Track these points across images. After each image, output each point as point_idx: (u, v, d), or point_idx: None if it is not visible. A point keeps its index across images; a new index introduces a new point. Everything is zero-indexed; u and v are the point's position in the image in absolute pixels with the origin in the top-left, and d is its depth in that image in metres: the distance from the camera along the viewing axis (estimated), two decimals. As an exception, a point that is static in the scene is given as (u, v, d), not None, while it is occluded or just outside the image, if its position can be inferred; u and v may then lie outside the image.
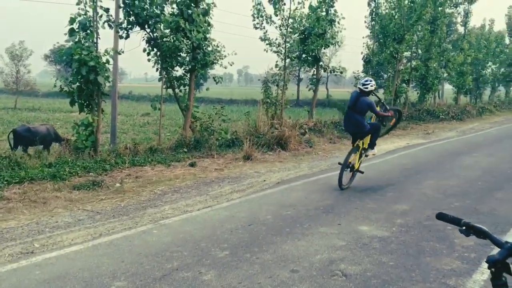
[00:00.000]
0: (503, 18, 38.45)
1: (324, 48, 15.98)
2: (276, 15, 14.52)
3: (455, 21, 31.91)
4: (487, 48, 33.93)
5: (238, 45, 15.06)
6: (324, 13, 15.43)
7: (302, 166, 10.21)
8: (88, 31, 9.68)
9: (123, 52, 11.57)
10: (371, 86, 7.61)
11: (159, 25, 10.92)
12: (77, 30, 9.55)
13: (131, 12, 10.50)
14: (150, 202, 7.02)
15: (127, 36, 11.02)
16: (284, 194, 7.52)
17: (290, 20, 14.74)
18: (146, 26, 10.86)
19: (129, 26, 10.85)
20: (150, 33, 11.01)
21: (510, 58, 37.85)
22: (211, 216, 6.29)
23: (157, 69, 11.55)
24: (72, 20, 9.47)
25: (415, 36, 22.20)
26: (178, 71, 12.05)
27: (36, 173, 7.97)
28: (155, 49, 11.21)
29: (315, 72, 16.59)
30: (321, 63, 16.27)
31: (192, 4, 11.10)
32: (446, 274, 4.28)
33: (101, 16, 10.03)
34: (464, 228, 1.95)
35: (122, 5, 10.71)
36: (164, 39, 11.04)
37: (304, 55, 15.85)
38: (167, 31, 11.00)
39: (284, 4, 14.40)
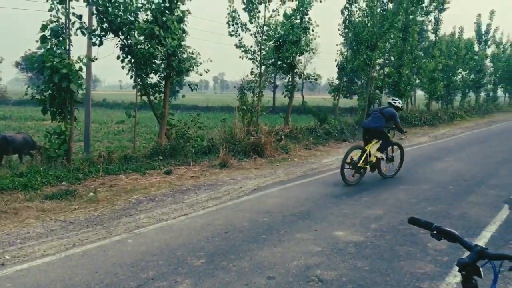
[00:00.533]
0: (472, 26, 39.56)
1: (299, 55, 16.12)
2: (251, 23, 14.61)
3: (426, 28, 32.64)
4: (457, 55, 34.81)
5: (214, 52, 15.08)
6: (298, 21, 15.58)
7: (278, 172, 10.25)
8: (61, 38, 9.53)
9: (96, 59, 11.43)
10: (399, 103, 9.71)
11: (133, 32, 10.83)
12: (49, 37, 9.39)
13: (104, 19, 10.38)
14: (125, 211, 6.92)
15: (101, 43, 10.89)
16: (260, 201, 7.54)
17: (265, 28, 14.84)
18: (120, 33, 10.75)
19: (103, 33, 10.72)
20: (124, 40, 10.91)
21: (479, 64, 38.94)
22: (187, 224, 6.25)
23: (131, 76, 11.44)
24: (44, 27, 9.31)
25: (387, 44, 22.60)
26: (153, 78, 11.96)
27: (6, 183, 7.76)
28: (129, 56, 11.10)
29: (290, 79, 16.72)
30: (296, 70, 16.40)
31: (167, 11, 11.06)
32: (420, 278, 4.35)
33: (73, 23, 9.88)
34: (435, 232, 2.00)
35: (95, 12, 10.59)
36: (139, 46, 10.96)
37: (279, 62, 15.96)
38: (142, 38, 10.92)
39: (259, 11, 14.51)
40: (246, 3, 14.33)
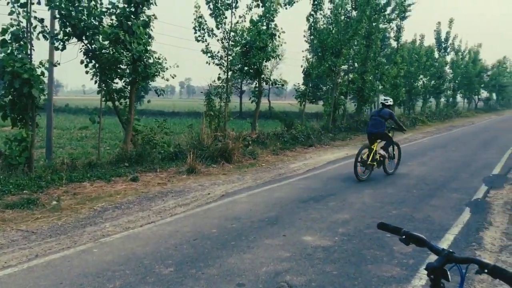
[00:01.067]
0: (433, 34, 40.87)
1: (266, 61, 16.23)
2: (218, 28, 14.60)
3: (388, 36, 33.46)
4: (418, 61, 35.89)
5: (181, 57, 14.91)
6: (264, 27, 15.69)
7: (246, 178, 10.26)
8: (22, 42, 9.23)
9: (59, 64, 11.15)
10: (390, 101, 10.79)
11: (98, 37, 10.62)
12: (9, 41, 9.07)
13: (67, 23, 10.14)
14: (90, 219, 6.75)
15: (64, 48, 10.62)
16: (228, 207, 7.52)
17: (232, 33, 14.86)
18: (83, 38, 10.52)
19: (66, 38, 10.45)
20: (88, 45, 10.68)
21: (439, 71, 40.27)
22: (154, 232, 6.16)
23: (95, 82, 11.21)
24: (4, 31, 9.00)
25: (351, 50, 23.05)
26: (118, 84, 11.76)
27: (-37, 192, 7.45)
28: (93, 61, 10.88)
29: (257, 85, 16.80)
30: (263, 75, 16.50)
31: (132, 16, 10.91)
32: (387, 281, 4.44)
33: (35, 27, 9.59)
34: (404, 237, 2.04)
35: (57, 16, 10.32)
36: (103, 51, 10.75)
37: (246, 68, 16.01)
38: (106, 43, 10.73)
39: (226, 17, 14.52)
40: (212, 9, 14.32)
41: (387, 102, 10.65)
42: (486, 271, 1.64)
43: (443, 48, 41.49)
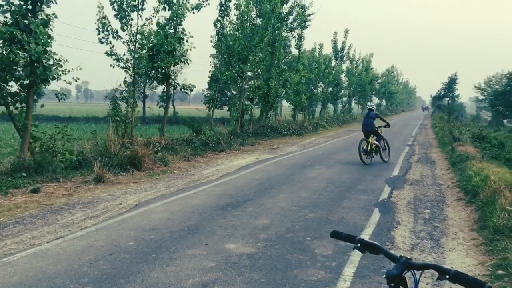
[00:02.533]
0: (330, 43, 43.15)
1: (174, 66, 15.91)
2: (123, 30, 13.98)
3: (289, 44, 34.68)
4: (318, 69, 37.73)
5: (78, 59, 13.94)
6: (172, 31, 15.37)
7: (159, 186, 9.91)
8: None
9: None
10: (373, 106, 14.91)
11: (-10, 36, 9.60)
12: None
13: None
14: (-14, 238, 6.03)
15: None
16: (144, 217, 7.17)
17: (138, 36, 14.32)
18: (-27, 36, 9.45)
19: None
20: (-22, 44, 9.62)
21: (336, 78, 42.66)
22: (64, 248, 5.67)
23: (-14, 84, 10.11)
24: None
25: (257, 57, 23.52)
26: (13, 87, 10.72)
27: None
28: (-16, 62, 9.81)
29: (165, 89, 16.38)
30: (171, 80, 16.13)
31: (30, 14, 10.04)
32: (314, 285, 4.50)
33: None
34: (359, 245, 2.04)
35: None
36: (-4, 51, 9.75)
37: (153, 72, 15.53)
38: (0, 42, 9.74)
39: (132, 19, 13.96)
40: (117, 10, 13.68)
41: (372, 106, 14.77)
42: (447, 277, 1.65)
43: (339, 57, 44.01)
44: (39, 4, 10.31)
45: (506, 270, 4.73)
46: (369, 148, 13.79)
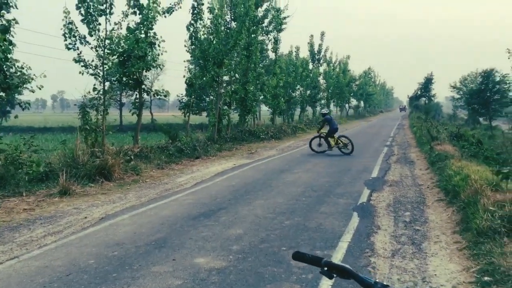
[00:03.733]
0: (307, 46, 43.08)
1: (146, 71, 15.42)
2: (91, 35, 13.45)
3: (266, 47, 34.45)
4: (295, 72, 37.58)
5: (53, 68, 13.42)
6: (143, 35, 14.89)
7: (129, 196, 9.43)
8: None
9: None
10: (326, 110, 19.83)
11: None
12: None
13: None
14: None
15: None
16: (109, 232, 6.70)
17: (107, 41, 13.81)
18: None
19: None
20: None
21: (314, 81, 42.61)
22: (17, 269, 5.17)
23: None
24: None
25: (233, 61, 23.17)
26: (-29, 97, 10.13)
27: None
28: None
29: (138, 96, 15.87)
30: (143, 86, 15.64)
31: (-13, 20, 9.50)
32: (288, 301, 4.13)
33: None
34: (326, 269, 1.68)
35: None
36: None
37: (124, 78, 15.01)
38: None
39: (99, 24, 13.44)
40: (84, 15, 13.15)
41: (327, 111, 19.35)
42: None
43: (316, 59, 43.97)
44: (-3, 9, 9.79)
45: (492, 276, 4.44)
46: (335, 142, 17.32)
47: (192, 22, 19.02)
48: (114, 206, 8.51)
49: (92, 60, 13.87)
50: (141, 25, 14.84)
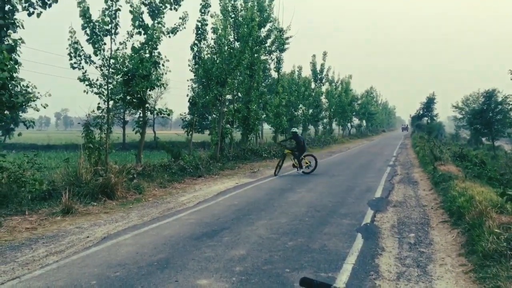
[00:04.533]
0: (309, 65, 43.39)
1: (150, 90, 15.52)
2: (96, 55, 13.60)
3: (269, 67, 34.74)
4: (298, 91, 37.82)
5: (57, 87, 13.55)
6: (148, 55, 15.05)
7: (131, 215, 9.39)
8: None
9: None
10: (296, 130, 18.68)
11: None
12: None
13: None
14: None
15: None
16: (111, 252, 6.66)
17: (112, 61, 13.94)
18: None
19: None
20: None
21: (316, 100, 42.82)
22: (19, 290, 5.13)
23: None
24: None
25: (236, 80, 23.33)
26: (-24, 115, 10.18)
27: None
28: None
29: (141, 114, 15.95)
30: (147, 105, 15.73)
31: (-6, 40, 9.62)
32: (292, 324, 4.08)
33: None
34: None
35: None
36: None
37: (128, 97, 15.11)
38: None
39: (105, 43, 13.60)
40: (89, 35, 13.32)
41: (296, 131, 18.51)
42: None
43: (318, 79, 44.24)
44: (5, 29, 9.93)
45: (499, 300, 4.38)
46: (306, 162, 17.50)
47: (196, 42, 19.24)
48: (117, 225, 8.47)
49: (97, 79, 14.00)
50: (146, 45, 15.01)
